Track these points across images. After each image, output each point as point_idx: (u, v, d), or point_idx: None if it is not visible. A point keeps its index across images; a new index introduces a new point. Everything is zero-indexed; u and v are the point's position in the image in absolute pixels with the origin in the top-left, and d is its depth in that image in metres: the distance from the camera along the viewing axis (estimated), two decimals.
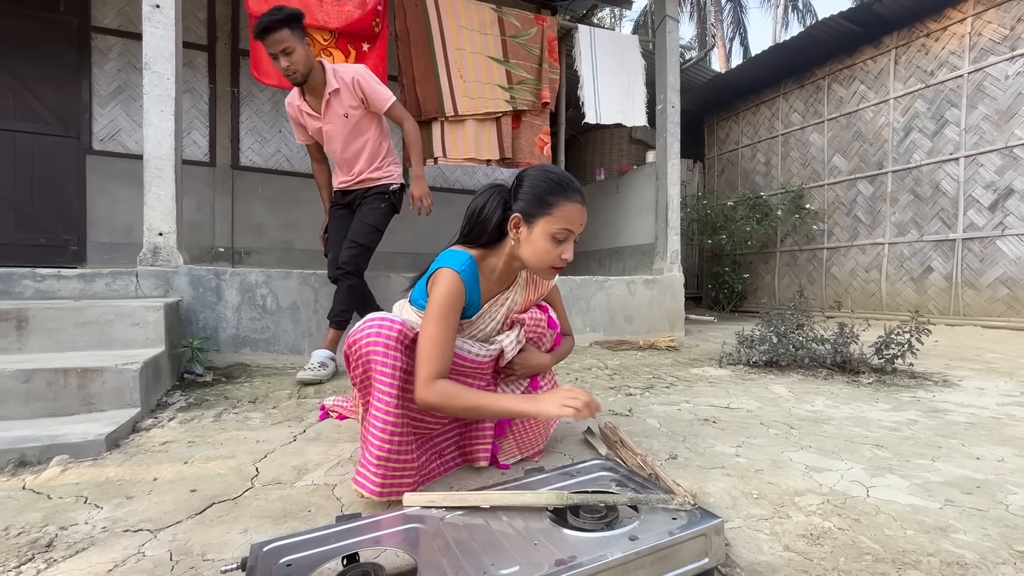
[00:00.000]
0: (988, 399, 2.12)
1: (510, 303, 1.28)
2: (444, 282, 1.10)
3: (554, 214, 1.11)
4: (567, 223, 1.12)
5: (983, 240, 4.61)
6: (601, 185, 5.46)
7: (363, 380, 1.11)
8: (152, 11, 2.52)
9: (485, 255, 1.21)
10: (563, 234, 1.12)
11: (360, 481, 1.07)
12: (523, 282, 1.30)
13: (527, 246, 1.14)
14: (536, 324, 1.31)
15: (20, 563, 0.87)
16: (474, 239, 1.20)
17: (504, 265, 1.22)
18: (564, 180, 1.14)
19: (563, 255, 1.13)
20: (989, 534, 1.00)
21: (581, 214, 1.14)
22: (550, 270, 1.17)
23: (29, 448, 1.31)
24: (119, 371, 1.65)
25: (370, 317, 1.10)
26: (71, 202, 4.21)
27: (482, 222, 1.18)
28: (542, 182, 1.14)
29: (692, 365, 2.83)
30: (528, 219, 1.13)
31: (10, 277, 2.23)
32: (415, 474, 1.11)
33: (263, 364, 2.54)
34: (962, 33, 4.76)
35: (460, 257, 1.15)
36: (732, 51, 18.21)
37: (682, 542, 0.75)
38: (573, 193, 1.13)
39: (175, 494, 1.15)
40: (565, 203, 1.11)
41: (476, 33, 3.83)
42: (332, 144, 2.42)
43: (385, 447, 1.05)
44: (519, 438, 1.34)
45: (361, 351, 1.08)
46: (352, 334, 1.10)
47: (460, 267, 1.13)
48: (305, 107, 2.36)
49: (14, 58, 4.05)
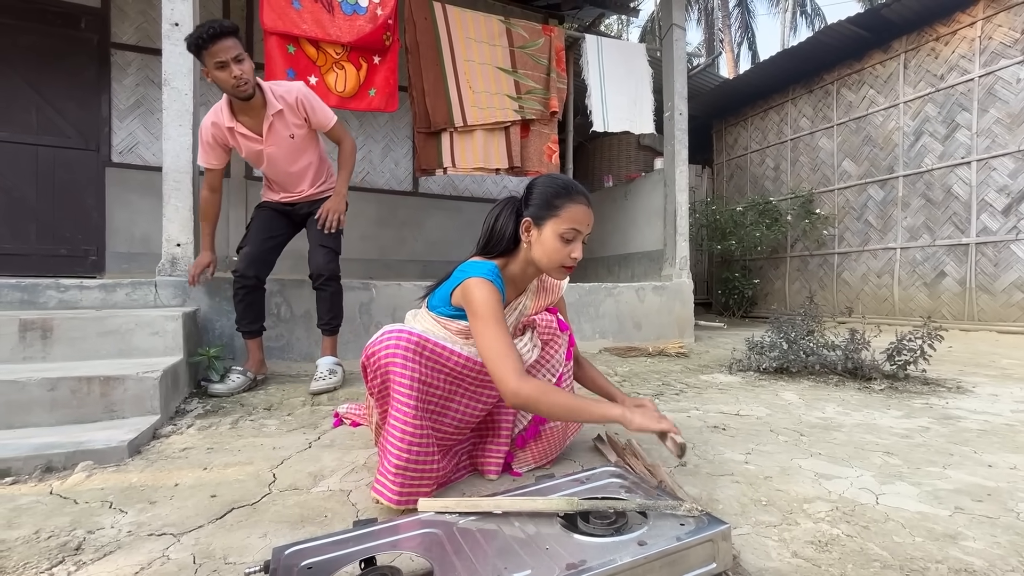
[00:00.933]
0: (1002, 406, 2.10)
1: (522, 308, 1.35)
2: (483, 290, 1.17)
3: (561, 215, 1.20)
4: (573, 223, 1.20)
5: (997, 244, 4.56)
6: (609, 192, 5.48)
7: (381, 391, 1.14)
8: (171, 29, 2.59)
9: (505, 264, 1.30)
10: (571, 234, 1.21)
11: (379, 489, 1.10)
12: (534, 289, 1.39)
13: (538, 247, 1.23)
14: (547, 326, 1.34)
15: (52, 565, 0.91)
16: (492, 249, 1.29)
17: (520, 271, 1.31)
18: (569, 184, 1.24)
19: (572, 254, 1.22)
20: (999, 542, 1.00)
21: (587, 215, 1.22)
22: (561, 269, 1.24)
23: (55, 454, 1.36)
24: (140, 379, 1.70)
25: (388, 328, 1.14)
26: (91, 213, 4.32)
27: (499, 232, 1.28)
28: (549, 187, 1.24)
29: (702, 371, 2.83)
30: (538, 222, 1.23)
31: (35, 288, 2.30)
32: (433, 483, 1.13)
33: (277, 372, 2.59)
34: (972, 36, 4.74)
35: (486, 266, 1.23)
36: (740, 56, 18.18)
37: (690, 547, 0.77)
38: (578, 195, 1.22)
39: (196, 499, 1.18)
40: (570, 204, 1.21)
41: (484, 44, 3.89)
42: (276, 166, 2.33)
43: (404, 456, 1.07)
44: (536, 450, 1.35)
45: (380, 362, 1.11)
46: (370, 345, 1.14)
47: (492, 276, 1.20)
48: (240, 128, 2.21)
49: (37, 74, 4.17)
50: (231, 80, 2.04)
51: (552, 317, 1.35)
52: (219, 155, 2.27)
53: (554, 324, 1.35)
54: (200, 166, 2.33)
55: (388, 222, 5.37)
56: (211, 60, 2.02)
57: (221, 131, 2.22)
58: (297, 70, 3.29)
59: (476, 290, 1.16)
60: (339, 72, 3.40)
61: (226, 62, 2.02)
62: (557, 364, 1.35)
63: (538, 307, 1.38)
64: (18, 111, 4.12)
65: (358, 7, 3.35)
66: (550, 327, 1.34)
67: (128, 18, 4.42)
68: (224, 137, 2.24)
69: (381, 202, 5.33)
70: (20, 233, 4.15)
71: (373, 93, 3.52)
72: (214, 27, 1.99)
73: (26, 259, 4.13)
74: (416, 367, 1.11)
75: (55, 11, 4.20)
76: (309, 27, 3.24)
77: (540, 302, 1.38)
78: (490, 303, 1.15)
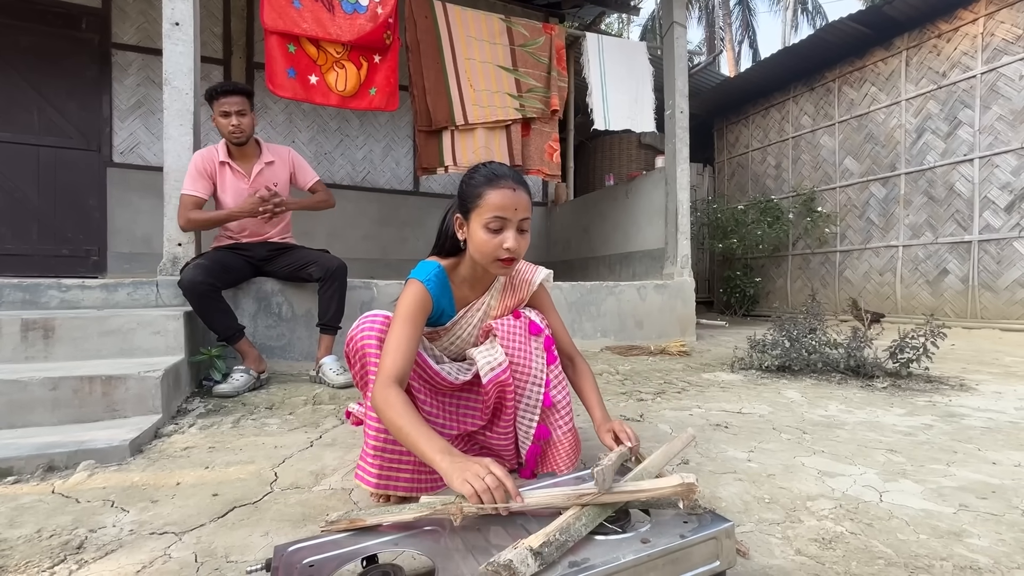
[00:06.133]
0: (1006, 403, 2.09)
1: (486, 307, 1.29)
2: (408, 292, 1.15)
3: (481, 205, 1.11)
4: (495, 210, 1.10)
5: (1000, 242, 4.55)
6: (611, 190, 5.48)
7: (362, 376, 1.16)
8: (172, 29, 2.59)
9: (456, 264, 1.24)
10: (495, 223, 1.10)
11: (360, 475, 1.11)
12: (499, 287, 1.30)
13: (470, 243, 1.16)
14: (511, 332, 1.24)
15: (54, 564, 0.91)
16: (442, 249, 1.26)
17: (470, 271, 1.23)
18: (488, 172, 1.14)
19: (504, 244, 1.11)
20: (1004, 539, 1.00)
21: (512, 199, 1.10)
22: (496, 263, 1.14)
23: (57, 454, 1.36)
24: (141, 378, 1.70)
25: (366, 314, 1.17)
26: (92, 213, 4.32)
27: (444, 232, 1.25)
28: (468, 179, 1.16)
29: (704, 370, 2.82)
30: (465, 217, 1.16)
31: (37, 288, 2.30)
32: (411, 470, 1.11)
33: (279, 371, 2.59)
34: (974, 33, 4.72)
35: (428, 267, 1.20)
36: (741, 54, 18.15)
37: (693, 545, 0.77)
38: (499, 180, 1.12)
39: (198, 498, 1.18)
40: (490, 191, 1.10)
41: (485, 43, 3.89)
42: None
43: (380, 436, 1.08)
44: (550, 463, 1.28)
45: (357, 345, 1.14)
46: (350, 332, 1.16)
47: (425, 277, 1.17)
48: (233, 163, 2.46)
49: (38, 74, 4.18)
50: (229, 127, 2.39)
51: (517, 322, 1.26)
52: (205, 185, 2.43)
53: (518, 328, 1.24)
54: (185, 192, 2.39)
55: (389, 221, 5.37)
56: (218, 108, 2.39)
57: (213, 164, 2.44)
58: (298, 69, 3.29)
59: (405, 292, 1.16)
60: (339, 71, 3.39)
61: (229, 112, 2.38)
62: (538, 372, 1.24)
63: (505, 307, 1.30)
64: (19, 112, 4.13)
65: (358, 6, 3.35)
66: (512, 332, 1.24)
67: (129, 18, 4.42)
68: (213, 170, 2.44)
69: (382, 201, 5.33)
70: (22, 233, 4.16)
71: (374, 92, 3.51)
72: (228, 86, 2.44)
73: (28, 259, 4.14)
74: None
75: (56, 12, 4.20)
76: (309, 26, 3.23)
77: (507, 301, 1.30)
78: (406, 302, 1.13)
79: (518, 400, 1.24)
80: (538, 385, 1.24)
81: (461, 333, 1.29)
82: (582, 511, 0.80)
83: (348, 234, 5.09)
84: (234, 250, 2.48)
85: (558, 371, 1.29)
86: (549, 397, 1.26)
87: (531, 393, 1.24)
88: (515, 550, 0.68)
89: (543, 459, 1.28)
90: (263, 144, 2.57)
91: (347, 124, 5.22)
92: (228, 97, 2.38)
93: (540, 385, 1.24)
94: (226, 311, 2.28)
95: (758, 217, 6.39)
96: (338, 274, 2.45)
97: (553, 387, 1.27)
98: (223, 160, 2.44)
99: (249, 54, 4.79)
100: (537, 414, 1.25)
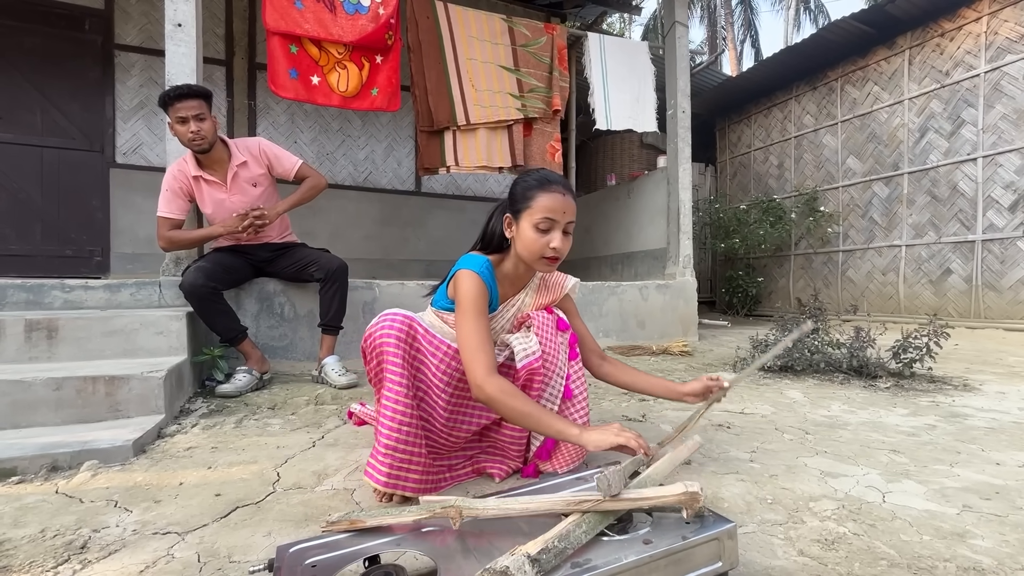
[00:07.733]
0: (1010, 403, 2.08)
1: (520, 304, 1.36)
2: (467, 282, 1.20)
3: (533, 206, 1.21)
4: (546, 212, 1.19)
5: (1003, 241, 4.53)
6: (612, 190, 5.47)
7: (377, 373, 1.18)
8: (174, 30, 2.60)
9: (500, 260, 1.32)
10: (545, 223, 1.20)
11: (370, 472, 1.12)
12: (535, 286, 1.40)
13: (519, 241, 1.25)
14: (543, 324, 1.32)
15: (57, 563, 0.91)
16: (487, 246, 1.33)
17: (513, 268, 1.32)
18: (542, 176, 1.25)
19: (551, 244, 1.20)
20: (1007, 540, 0.99)
21: (561, 203, 1.20)
22: (541, 260, 1.23)
23: (61, 454, 1.36)
24: (144, 379, 1.70)
25: (385, 312, 1.18)
26: (95, 214, 4.33)
27: (491, 231, 1.33)
28: (522, 182, 1.26)
29: (706, 370, 2.82)
30: (515, 216, 1.25)
31: (40, 288, 2.30)
32: (421, 470, 1.13)
33: (281, 371, 2.59)
34: (978, 32, 4.70)
35: (478, 260, 1.25)
36: (743, 54, 18.13)
37: (695, 546, 0.77)
38: (551, 185, 1.22)
39: (200, 498, 1.18)
40: (542, 194, 1.20)
41: (487, 43, 3.89)
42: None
43: (393, 435, 1.10)
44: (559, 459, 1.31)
45: (375, 343, 1.15)
46: (368, 328, 1.18)
47: (478, 268, 1.22)
48: (206, 175, 2.32)
49: (41, 75, 4.19)
50: (188, 134, 2.21)
51: (549, 316, 1.33)
52: (180, 205, 2.33)
53: (549, 322, 1.32)
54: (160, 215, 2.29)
55: (391, 221, 5.37)
56: (174, 114, 2.21)
57: (187, 180, 2.32)
58: (300, 70, 3.29)
59: (462, 282, 1.20)
60: (341, 72, 3.40)
61: (186, 118, 2.19)
62: (562, 365, 1.31)
63: (538, 304, 1.38)
64: (23, 113, 4.14)
65: (360, 6, 3.35)
66: (545, 324, 1.32)
67: (131, 19, 4.43)
68: (189, 186, 2.32)
69: (384, 202, 5.33)
70: (25, 234, 4.17)
71: (375, 92, 3.52)
72: (181, 89, 2.22)
73: (31, 260, 4.15)
74: (407, 347, 1.14)
75: (59, 13, 4.21)
76: (311, 27, 3.24)
77: (540, 299, 1.39)
78: (472, 295, 1.18)
79: (543, 389, 1.29)
80: (561, 377, 1.31)
81: (495, 326, 1.33)
82: (583, 518, 0.79)
83: (350, 234, 5.09)
84: (235, 251, 2.46)
85: (578, 366, 1.37)
86: (570, 389, 1.33)
87: (555, 383, 1.30)
88: (512, 556, 0.68)
89: (556, 451, 1.30)
90: (231, 143, 2.39)
91: (349, 124, 5.22)
92: (183, 101, 2.18)
93: (563, 377, 1.31)
94: (227, 313, 2.28)
95: (760, 217, 6.38)
96: (339, 274, 2.44)
97: (573, 380, 1.34)
98: (195, 175, 2.30)
99: (251, 55, 4.80)
100: (557, 404, 1.31)
